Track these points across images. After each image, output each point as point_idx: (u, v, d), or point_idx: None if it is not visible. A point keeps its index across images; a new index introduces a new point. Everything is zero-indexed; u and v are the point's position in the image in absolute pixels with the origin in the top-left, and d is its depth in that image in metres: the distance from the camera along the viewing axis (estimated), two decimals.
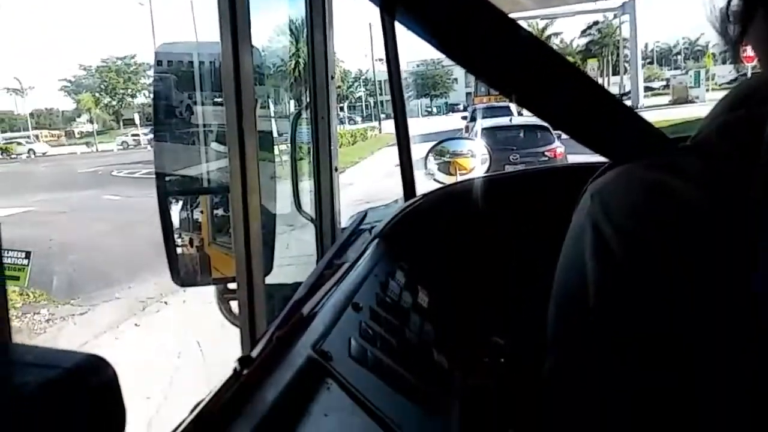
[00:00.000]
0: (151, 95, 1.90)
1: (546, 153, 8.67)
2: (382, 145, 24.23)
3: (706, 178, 0.47)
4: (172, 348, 4.71)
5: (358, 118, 47.19)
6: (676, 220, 0.47)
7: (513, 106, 15.37)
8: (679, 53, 56.95)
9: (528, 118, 10.35)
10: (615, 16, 30.16)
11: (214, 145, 1.76)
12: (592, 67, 34.22)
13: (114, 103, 49.86)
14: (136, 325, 5.78)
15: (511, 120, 10.51)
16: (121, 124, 48.72)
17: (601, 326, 0.52)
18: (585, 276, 0.53)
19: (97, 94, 49.29)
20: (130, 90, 49.91)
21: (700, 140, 0.52)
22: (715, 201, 0.45)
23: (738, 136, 0.48)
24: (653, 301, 0.48)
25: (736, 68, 0.65)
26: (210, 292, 1.80)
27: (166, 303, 6.24)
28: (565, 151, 8.62)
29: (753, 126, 0.43)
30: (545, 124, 8.60)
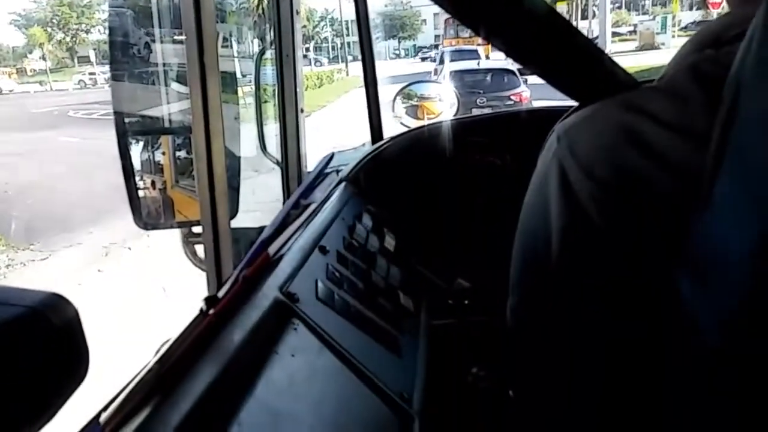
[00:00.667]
0: (107, 31, 1.82)
1: (512, 97, 8.70)
2: (349, 87, 23.72)
3: (674, 121, 0.47)
4: (136, 294, 4.64)
5: (324, 60, 45.93)
6: (644, 165, 0.46)
7: (481, 50, 15.83)
8: None
9: (495, 62, 10.66)
10: None
11: (174, 86, 1.70)
12: (560, 11, 33.76)
13: (68, 39, 47.38)
14: (99, 270, 5.66)
15: (478, 63, 10.58)
16: (76, 61, 46.53)
17: (564, 272, 0.53)
18: (549, 219, 0.53)
19: (49, 29, 46.77)
20: (84, 25, 47.41)
21: (669, 80, 0.52)
22: (683, 146, 0.45)
23: (706, 76, 0.47)
24: (618, 250, 0.48)
25: (704, 14, 0.65)
26: (175, 237, 1.78)
27: (129, 248, 6.12)
28: (530, 95, 8.67)
29: (720, 66, 0.42)
30: (512, 68, 9.04)
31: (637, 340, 0.48)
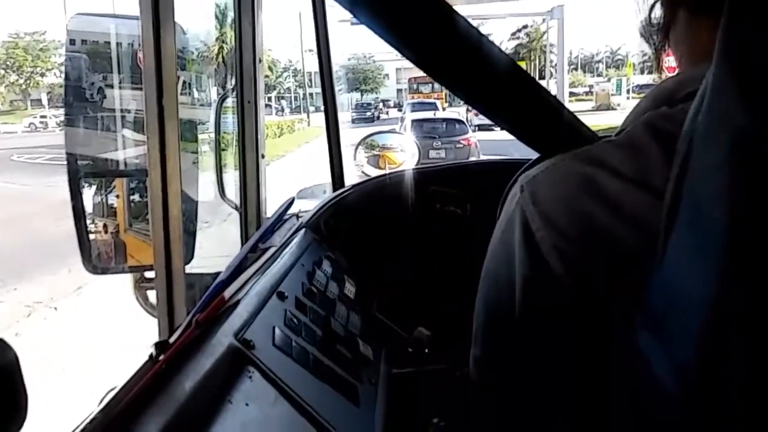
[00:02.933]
0: (63, 74, 1.80)
1: (461, 141, 10.81)
2: (310, 137, 23.74)
3: (631, 174, 0.48)
4: (56, 363, 3.99)
5: (287, 110, 46.10)
6: (603, 216, 0.48)
7: (438, 102, 19.44)
8: (600, 61, 59.18)
9: (449, 113, 13.81)
10: (543, 20, 30.20)
11: (126, 132, 1.67)
12: None
13: (21, 81, 46.34)
14: (16, 335, 4.87)
15: (434, 114, 13.20)
16: (29, 104, 45.52)
17: (526, 322, 0.53)
18: (512, 268, 0.54)
19: (2, 71, 45.75)
20: (39, 68, 46.55)
21: (626, 135, 0.53)
22: (640, 197, 0.46)
23: (661, 131, 0.49)
24: (577, 299, 0.48)
25: (659, 77, 0.68)
26: (110, 295, 1.70)
27: (55, 309, 5.48)
28: (476, 141, 11.06)
29: (675, 122, 0.44)
30: (462, 118, 11.90)
31: (600, 389, 0.47)
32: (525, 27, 45.08)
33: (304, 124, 32.33)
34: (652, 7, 0.63)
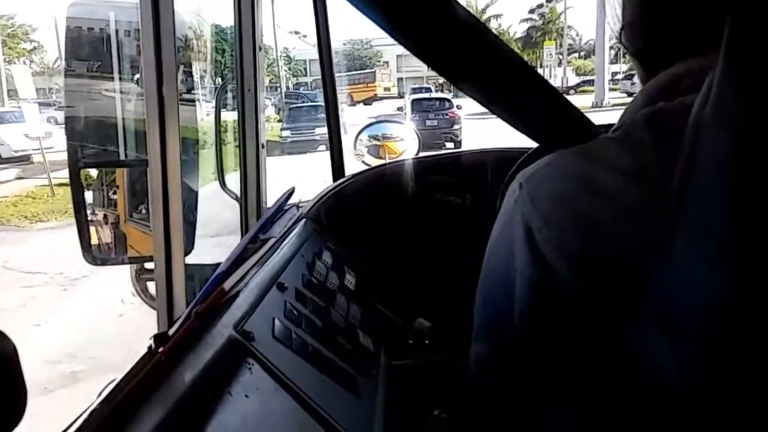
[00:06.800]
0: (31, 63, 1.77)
1: (448, 114, 15.43)
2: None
3: (629, 167, 0.48)
4: None
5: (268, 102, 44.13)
6: (600, 211, 0.47)
7: (432, 86, 25.15)
8: (611, 48, 57.56)
9: (439, 94, 19.03)
10: None
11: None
12: (549, 51, 33.49)
13: None
14: None
15: (429, 94, 19.27)
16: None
17: (527, 320, 0.53)
18: (512, 265, 0.53)
19: None
20: (6, 57, 43.73)
21: (624, 131, 0.53)
22: (638, 190, 0.46)
23: (660, 125, 0.49)
24: (577, 296, 0.48)
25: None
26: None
27: None
28: (458, 113, 15.49)
29: (674, 116, 0.44)
30: (449, 98, 16.52)
31: (604, 383, 0.47)
32: (541, 6, 42.81)
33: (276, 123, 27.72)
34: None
